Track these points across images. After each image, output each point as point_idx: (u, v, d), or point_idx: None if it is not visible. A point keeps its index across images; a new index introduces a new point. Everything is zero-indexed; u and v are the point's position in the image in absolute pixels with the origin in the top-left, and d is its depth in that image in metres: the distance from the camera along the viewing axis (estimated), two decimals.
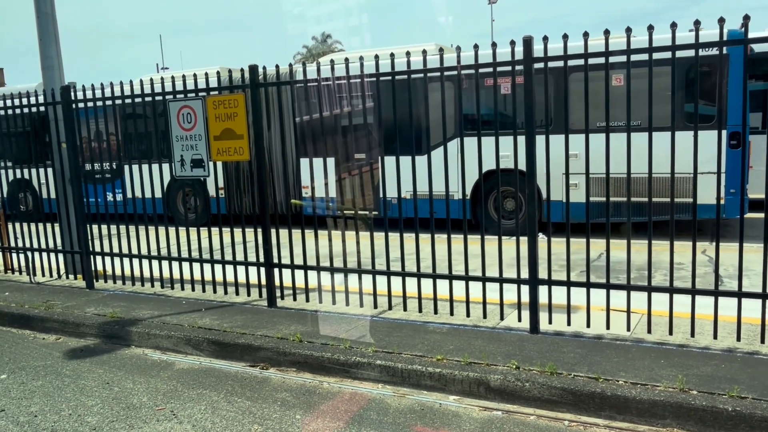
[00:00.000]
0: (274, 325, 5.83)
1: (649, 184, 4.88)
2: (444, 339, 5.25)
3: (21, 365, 5.66)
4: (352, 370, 4.97)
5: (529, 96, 5.05)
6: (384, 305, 6.11)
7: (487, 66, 5.18)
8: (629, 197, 4.95)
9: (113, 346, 6.04)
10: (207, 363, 5.51)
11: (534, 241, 5.19)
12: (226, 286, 6.88)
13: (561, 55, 4.93)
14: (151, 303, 6.86)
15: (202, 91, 6.57)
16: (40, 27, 8.01)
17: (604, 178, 4.91)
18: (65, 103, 7.41)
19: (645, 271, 5.10)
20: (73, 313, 6.61)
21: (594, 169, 5.03)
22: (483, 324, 5.56)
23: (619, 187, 5.99)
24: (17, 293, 7.62)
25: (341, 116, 6.01)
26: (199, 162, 6.62)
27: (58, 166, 7.69)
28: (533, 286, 5.25)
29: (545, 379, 4.37)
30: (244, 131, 6.26)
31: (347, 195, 7.95)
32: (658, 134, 4.79)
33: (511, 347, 4.98)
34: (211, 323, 5.99)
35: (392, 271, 5.91)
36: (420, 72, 5.43)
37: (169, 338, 5.81)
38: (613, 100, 4.84)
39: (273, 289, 6.44)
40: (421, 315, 5.86)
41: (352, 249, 6.06)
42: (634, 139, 4.84)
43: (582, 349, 4.87)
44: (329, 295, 6.28)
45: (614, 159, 4.88)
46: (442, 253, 5.73)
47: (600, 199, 5.30)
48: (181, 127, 6.64)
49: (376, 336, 5.39)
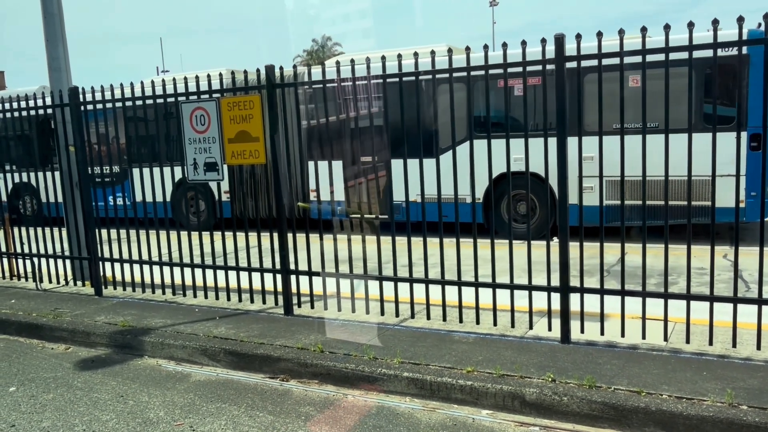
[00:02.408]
0: (292, 335, 5.62)
1: (688, 187, 4.68)
2: (471, 349, 5.04)
3: (30, 377, 5.45)
4: (377, 383, 4.76)
5: (561, 96, 4.85)
6: (405, 313, 5.90)
7: (517, 65, 4.98)
8: (666, 200, 4.75)
9: (125, 356, 5.83)
10: (224, 374, 5.30)
11: (565, 247, 4.99)
12: (241, 294, 6.67)
13: (595, 53, 4.73)
14: (163, 311, 6.64)
15: (216, 92, 6.37)
16: (46, 28, 7.81)
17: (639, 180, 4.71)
18: (74, 105, 7.20)
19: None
20: (82, 321, 6.39)
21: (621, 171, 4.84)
22: (510, 333, 5.36)
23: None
24: (24, 301, 7.41)
25: (362, 118, 5.80)
26: (213, 165, 6.41)
27: (65, 170, 7.49)
28: (565, 294, 5.05)
29: (584, 392, 4.16)
30: (260, 133, 6.06)
31: (364, 198, 7.75)
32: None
33: (543, 358, 4.77)
34: (227, 332, 5.78)
35: (415, 278, 5.71)
36: (445, 72, 5.23)
37: (183, 348, 5.60)
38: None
39: (290, 297, 6.24)
40: (444, 323, 5.65)
41: (365, 254, 5.86)
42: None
43: (618, 360, 4.66)
44: (348, 303, 6.07)
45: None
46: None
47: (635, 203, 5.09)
48: (194, 129, 6.43)
49: (400, 346, 5.18)
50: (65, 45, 7.91)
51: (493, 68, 5.08)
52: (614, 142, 4.79)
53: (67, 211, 7.58)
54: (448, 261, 5.61)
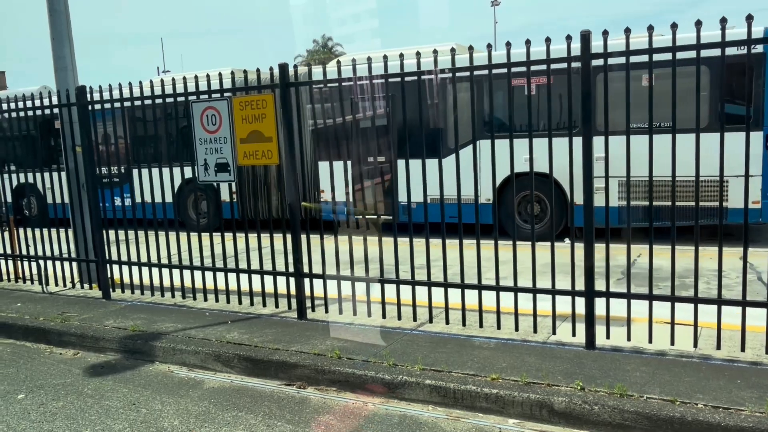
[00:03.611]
0: (307, 340, 5.48)
1: (720, 187, 4.54)
2: (494, 355, 4.90)
3: (39, 383, 5.30)
4: (398, 390, 4.62)
5: (587, 95, 4.70)
6: (422, 317, 5.75)
7: (540, 63, 4.83)
8: (697, 201, 4.61)
9: (136, 362, 5.68)
10: (239, 381, 5.15)
11: (591, 250, 4.84)
12: (252, 297, 6.52)
13: (623, 50, 4.58)
14: (173, 315, 6.50)
15: (228, 91, 6.22)
16: (52, 26, 7.66)
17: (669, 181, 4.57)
18: (81, 105, 7.05)
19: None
20: (91, 326, 6.25)
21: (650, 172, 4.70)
22: (533, 338, 5.21)
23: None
24: (30, 304, 7.26)
25: (379, 117, 5.65)
26: (224, 166, 6.27)
27: (72, 170, 7.34)
28: (590, 298, 4.90)
29: (615, 401, 4.01)
30: (273, 133, 5.92)
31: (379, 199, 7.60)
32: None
33: (569, 365, 4.63)
34: (240, 337, 5.63)
35: (433, 282, 5.56)
36: (466, 69, 5.08)
37: (196, 354, 5.46)
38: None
39: (303, 301, 6.09)
40: (464, 328, 5.50)
41: (382, 256, 5.71)
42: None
43: (647, 366, 4.51)
44: (363, 306, 5.93)
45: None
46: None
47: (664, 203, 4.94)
48: (205, 129, 6.28)
49: (419, 352, 5.04)
50: (71, 43, 7.76)
51: (516, 66, 4.94)
52: (638, 143, 4.66)
53: (74, 212, 7.43)
54: (465, 263, 5.47)
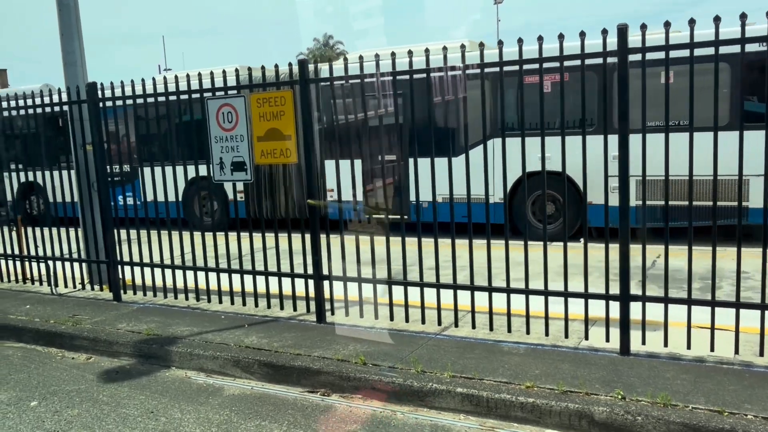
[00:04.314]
0: (329, 345, 5.30)
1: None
2: (525, 362, 4.72)
3: (52, 390, 5.12)
4: (428, 398, 4.44)
5: (623, 91, 4.52)
6: (446, 321, 5.57)
7: (575, 58, 4.64)
8: (740, 200, 4.43)
9: (151, 367, 5.50)
10: (259, 388, 4.97)
11: (626, 252, 4.66)
12: (269, 299, 6.34)
13: (662, 45, 4.40)
14: (187, 318, 6.32)
15: (244, 87, 6.04)
16: (61, 20, 7.47)
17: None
18: (92, 102, 6.87)
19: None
20: (104, 329, 6.07)
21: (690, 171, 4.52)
22: (563, 344, 5.03)
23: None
24: (39, 306, 7.08)
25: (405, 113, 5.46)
26: (241, 165, 6.09)
27: (83, 169, 7.17)
28: (625, 302, 4.72)
29: (660, 412, 3.83)
30: (292, 131, 5.73)
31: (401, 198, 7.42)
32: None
33: (605, 372, 4.44)
34: (258, 342, 5.45)
35: (459, 285, 5.38)
36: (495, 65, 4.89)
37: (214, 359, 5.28)
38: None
39: (323, 304, 5.91)
40: (491, 333, 5.32)
41: (405, 257, 5.53)
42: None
43: (687, 374, 4.33)
44: (384, 309, 5.75)
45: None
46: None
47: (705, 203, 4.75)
48: (221, 127, 6.10)
49: (447, 357, 4.86)
50: (81, 38, 7.57)
51: (548, 61, 4.75)
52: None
53: (84, 212, 7.25)
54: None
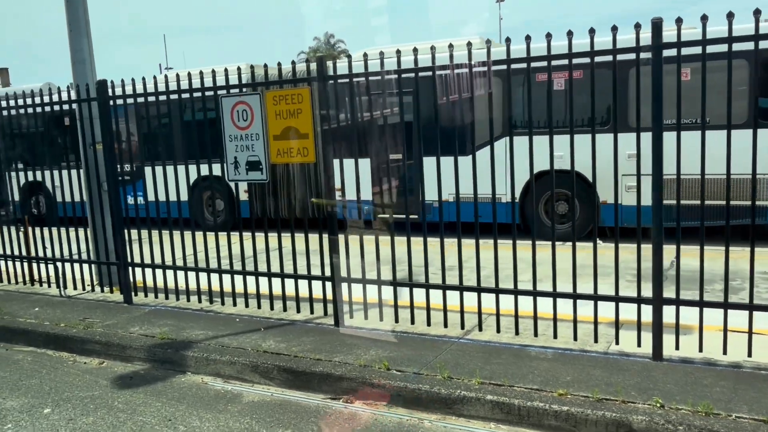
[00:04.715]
0: (350, 349, 5.15)
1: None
2: (554, 367, 4.56)
3: (65, 396, 4.98)
4: (456, 406, 4.29)
5: (657, 87, 4.36)
6: (468, 324, 5.42)
7: (605, 53, 4.49)
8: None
9: (166, 372, 5.35)
10: (279, 394, 4.82)
11: (659, 254, 4.51)
12: (285, 302, 6.18)
13: (698, 39, 4.24)
14: (201, 321, 6.16)
15: (260, 84, 5.88)
16: (69, 16, 7.31)
17: None
18: (102, 100, 6.72)
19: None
20: (116, 333, 5.92)
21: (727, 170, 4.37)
22: (592, 348, 4.88)
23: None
24: (48, 309, 6.93)
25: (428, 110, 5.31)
26: (256, 164, 5.93)
27: (92, 168, 7.02)
28: (658, 306, 4.57)
29: (702, 421, 3.68)
30: (310, 129, 5.58)
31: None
32: None
33: (639, 378, 4.29)
34: (276, 346, 5.30)
35: (484, 288, 5.23)
36: (522, 61, 4.74)
37: (231, 364, 5.13)
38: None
39: (341, 307, 5.75)
40: (516, 337, 5.17)
41: (427, 259, 5.38)
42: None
43: (725, 381, 4.18)
44: (405, 312, 5.60)
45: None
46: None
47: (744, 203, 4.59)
48: (236, 125, 5.95)
49: (473, 363, 4.71)
50: (89, 35, 7.41)
51: (577, 56, 4.59)
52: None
53: (94, 212, 7.10)
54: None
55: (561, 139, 4.77)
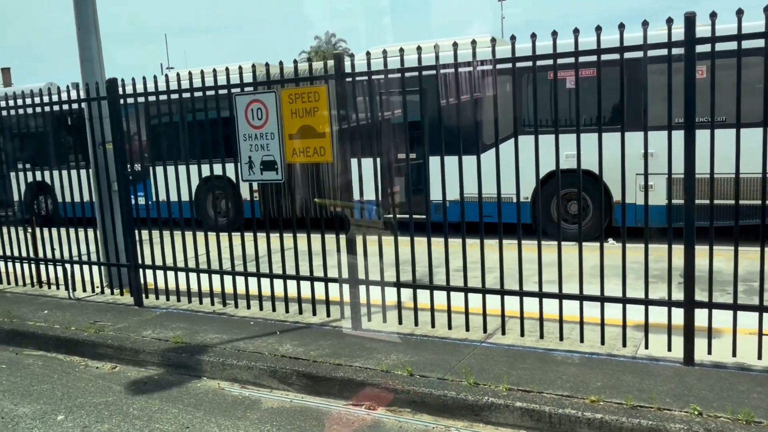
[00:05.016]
0: (369, 353, 5.02)
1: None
2: (582, 372, 4.43)
3: (78, 402, 4.85)
4: (483, 413, 4.15)
5: (690, 83, 4.23)
6: (489, 327, 5.29)
7: (636, 49, 4.36)
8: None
9: (181, 377, 5.23)
10: (299, 401, 4.69)
11: (691, 255, 4.37)
12: (301, 305, 6.05)
13: (733, 34, 4.11)
14: (214, 324, 6.04)
15: (275, 82, 5.75)
16: (78, 14, 7.18)
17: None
18: (112, 99, 6.59)
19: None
20: (128, 337, 5.79)
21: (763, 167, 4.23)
22: (620, 353, 4.75)
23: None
24: (58, 312, 6.81)
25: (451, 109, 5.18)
26: (271, 164, 5.80)
27: (102, 168, 6.89)
28: (689, 309, 4.44)
29: (743, 430, 3.55)
30: (327, 128, 5.45)
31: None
32: None
33: (672, 384, 4.16)
34: (294, 350, 5.17)
35: (507, 290, 5.09)
36: (549, 57, 4.61)
37: (249, 369, 5.00)
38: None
39: (358, 310, 5.62)
40: (540, 341, 5.04)
41: (448, 261, 5.25)
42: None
43: (762, 387, 4.05)
44: (426, 315, 5.47)
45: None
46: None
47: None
48: (250, 124, 5.82)
49: (498, 367, 4.58)
50: (98, 33, 7.28)
51: (606, 52, 4.46)
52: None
53: (104, 213, 6.97)
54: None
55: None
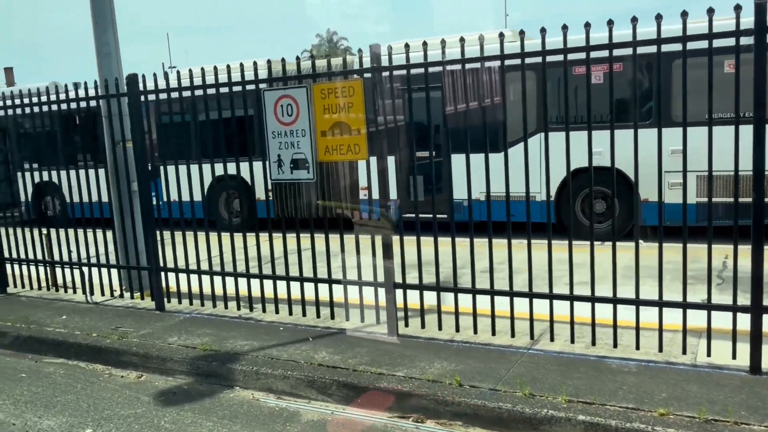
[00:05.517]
0: (411, 361, 4.76)
1: None
2: (643, 382, 4.17)
3: (106, 415, 4.59)
4: (542, 427, 3.89)
5: (761, 75, 3.96)
6: (534, 334, 5.03)
7: (700, 38, 4.09)
8: None
9: (211, 387, 4.97)
10: (341, 412, 4.43)
11: (760, 256, 4.11)
12: (333, 309, 5.80)
13: None
14: (242, 330, 5.78)
15: (306, 77, 5.49)
16: (95, 9, 6.94)
17: None
18: (132, 95, 6.33)
19: None
20: (154, 344, 5.53)
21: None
22: (678, 360, 4.49)
23: None
24: (76, 317, 6.55)
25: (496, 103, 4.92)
26: (302, 163, 5.54)
27: (122, 168, 6.64)
28: (757, 315, 4.18)
29: None
30: (362, 125, 5.19)
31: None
32: None
33: (743, 395, 3.90)
34: (330, 359, 4.92)
35: (556, 294, 4.83)
36: (603, 48, 4.35)
37: (285, 379, 4.74)
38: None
39: (395, 315, 5.36)
40: (591, 348, 4.78)
41: (492, 263, 5.00)
42: None
43: None
44: (468, 320, 5.21)
45: None
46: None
47: None
48: (279, 121, 5.56)
49: (551, 377, 4.33)
50: (115, 28, 7.03)
51: (667, 42, 4.20)
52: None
53: (123, 214, 6.71)
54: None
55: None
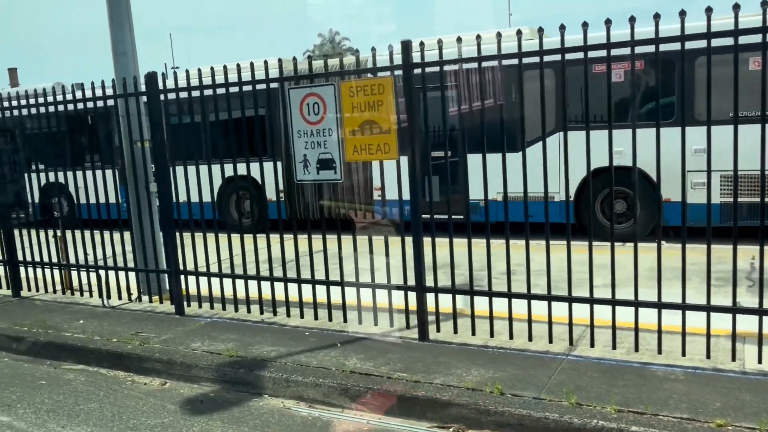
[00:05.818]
0: (447, 369, 4.60)
1: None
2: (694, 391, 4.00)
3: (132, 424, 4.43)
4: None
5: None
6: (574, 339, 4.86)
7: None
8: None
9: (239, 395, 4.81)
10: (376, 422, 4.27)
11: None
12: (360, 313, 5.63)
13: None
14: (267, 335, 5.62)
15: (334, 74, 5.33)
16: (111, 7, 6.79)
17: None
18: (151, 94, 6.17)
19: None
20: (177, 350, 5.37)
21: None
22: (727, 367, 4.32)
23: None
24: (94, 321, 6.40)
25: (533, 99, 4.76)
26: (329, 163, 5.38)
27: (140, 168, 6.49)
28: None
29: None
30: (392, 124, 5.03)
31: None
32: None
33: None
34: (362, 366, 4.75)
35: (596, 299, 4.67)
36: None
37: (316, 387, 4.58)
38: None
39: (426, 320, 5.21)
40: (633, 354, 4.61)
41: (529, 265, 4.83)
42: None
43: None
44: (502, 324, 5.04)
45: None
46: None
47: None
48: (305, 119, 5.40)
49: (595, 385, 4.16)
50: (131, 25, 6.87)
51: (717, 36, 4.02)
52: None
53: (141, 215, 6.56)
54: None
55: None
